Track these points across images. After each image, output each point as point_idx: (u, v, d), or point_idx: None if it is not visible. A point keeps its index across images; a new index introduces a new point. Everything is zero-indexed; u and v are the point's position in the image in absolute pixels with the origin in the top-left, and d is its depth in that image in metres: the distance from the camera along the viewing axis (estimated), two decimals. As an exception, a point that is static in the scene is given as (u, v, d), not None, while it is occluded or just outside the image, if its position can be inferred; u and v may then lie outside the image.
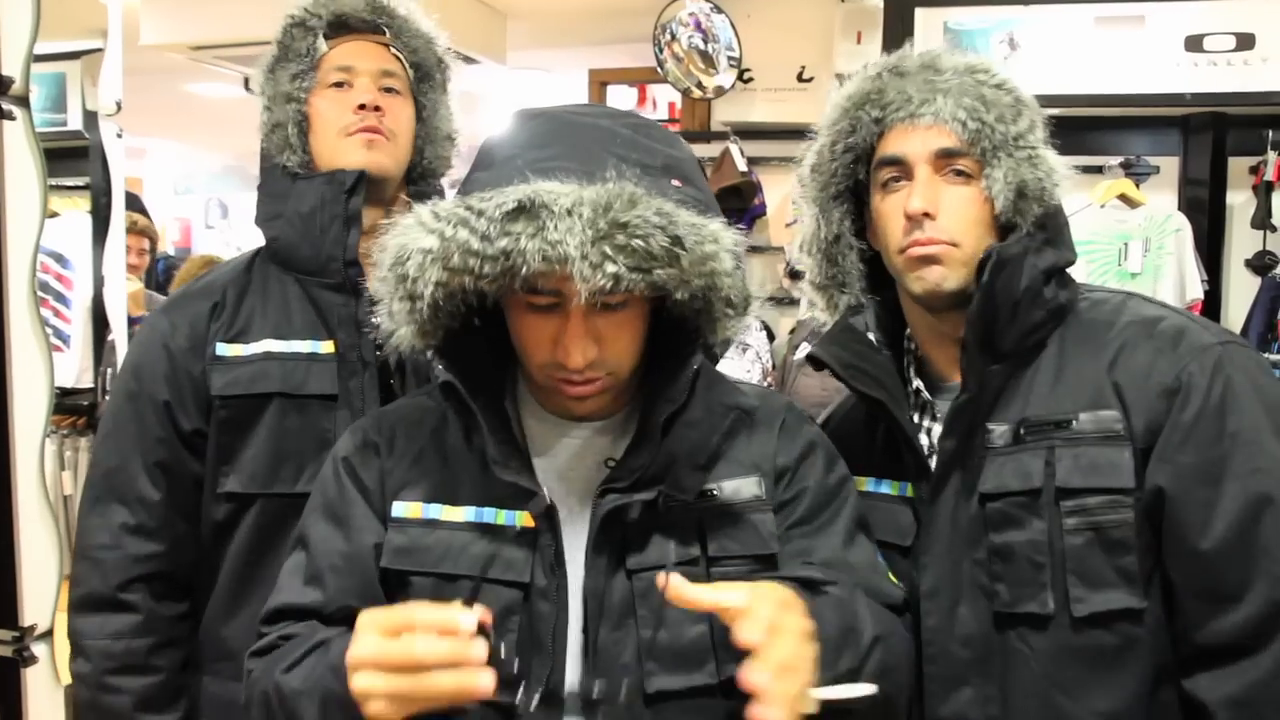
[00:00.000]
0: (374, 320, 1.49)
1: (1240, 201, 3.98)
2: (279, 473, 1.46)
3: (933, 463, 1.26)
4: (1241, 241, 3.98)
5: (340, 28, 1.56)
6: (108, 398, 1.56)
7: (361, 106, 1.50)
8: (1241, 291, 3.92)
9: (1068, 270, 1.27)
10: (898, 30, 3.68)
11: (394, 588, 1.13)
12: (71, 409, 4.50)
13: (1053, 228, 1.23)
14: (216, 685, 1.49)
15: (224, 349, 1.49)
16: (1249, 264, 3.96)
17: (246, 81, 5.10)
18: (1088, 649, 1.18)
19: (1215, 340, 1.19)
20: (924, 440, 1.29)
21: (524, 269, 0.97)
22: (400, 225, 1.05)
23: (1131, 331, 1.22)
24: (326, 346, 1.49)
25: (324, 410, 1.47)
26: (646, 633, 1.08)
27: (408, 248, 1.03)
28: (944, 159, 1.22)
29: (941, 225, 1.21)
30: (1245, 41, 3.59)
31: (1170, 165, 3.92)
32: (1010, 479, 1.20)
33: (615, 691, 1.06)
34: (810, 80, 4.05)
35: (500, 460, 1.08)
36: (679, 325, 1.11)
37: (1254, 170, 3.92)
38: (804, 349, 3.86)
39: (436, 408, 1.19)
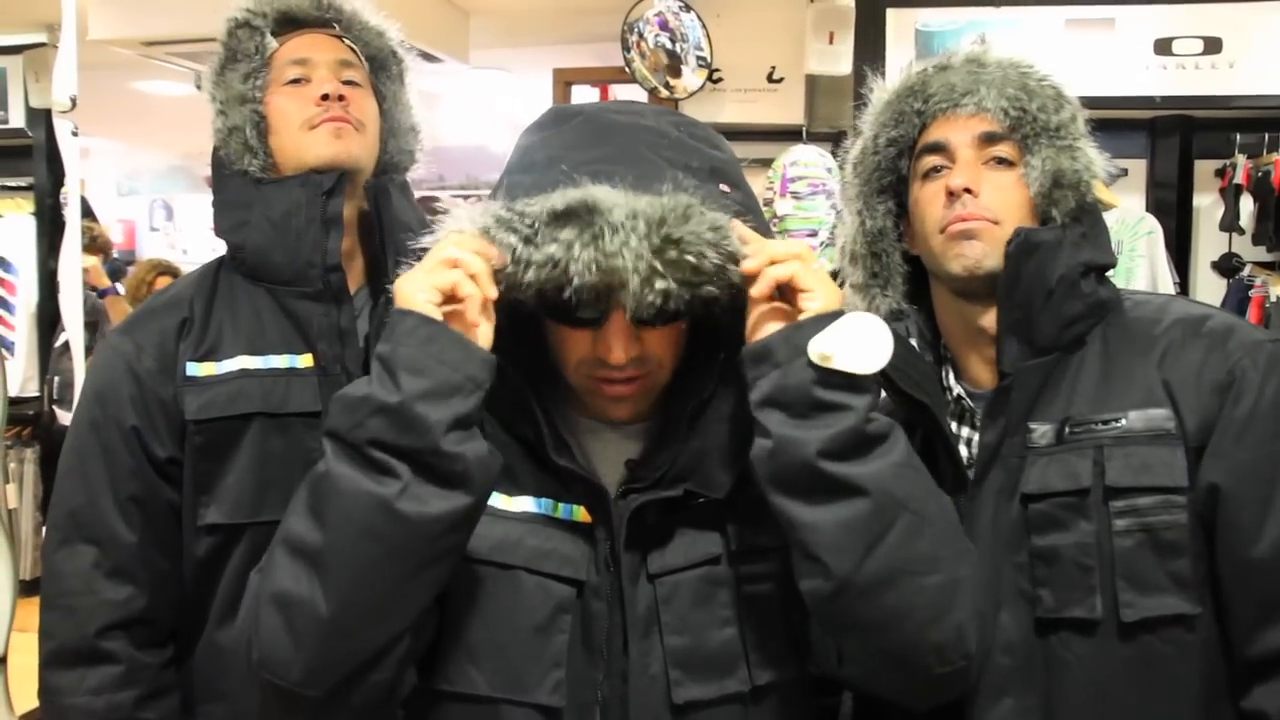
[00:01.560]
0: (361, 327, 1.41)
1: (1207, 204, 4.02)
2: (265, 499, 1.34)
3: (972, 472, 1.23)
4: (1208, 243, 4.02)
5: (288, 24, 1.47)
6: (69, 428, 1.42)
7: (325, 97, 1.40)
8: (1208, 293, 3.96)
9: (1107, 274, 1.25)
10: (869, 31, 3.66)
11: None
12: (16, 419, 4.34)
13: (1089, 224, 1.22)
14: None
15: (195, 368, 1.37)
16: (1215, 266, 4.00)
17: (198, 79, 4.94)
18: (1137, 657, 1.14)
19: (1266, 337, 1.18)
20: (963, 451, 1.26)
21: (575, 279, 0.93)
22: (439, 226, 1.00)
23: (1179, 330, 1.20)
24: (305, 360, 1.39)
25: (307, 429, 1.36)
26: (671, 639, 1.03)
27: None
28: (986, 143, 1.22)
29: (983, 203, 1.20)
30: (1213, 45, 3.62)
31: (1137, 168, 3.94)
32: (1055, 479, 1.17)
33: None
34: (780, 81, 4.00)
35: (556, 445, 1.03)
36: (712, 323, 1.07)
37: (1220, 173, 3.96)
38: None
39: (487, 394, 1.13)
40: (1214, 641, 1.15)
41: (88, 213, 4.27)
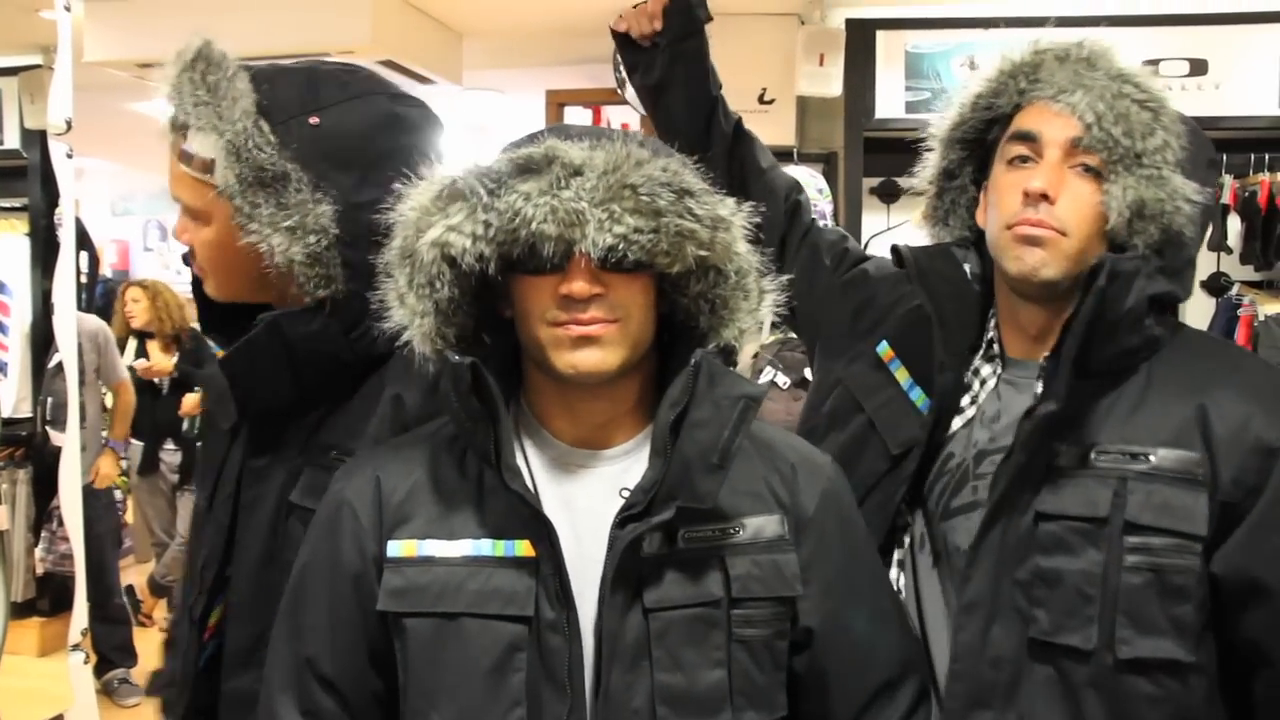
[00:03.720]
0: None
1: (1194, 224, 4.04)
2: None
3: (990, 489, 1.23)
4: (1198, 263, 4.03)
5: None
6: None
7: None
8: (1196, 312, 3.97)
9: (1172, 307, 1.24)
10: (860, 52, 3.69)
11: (392, 633, 1.08)
12: (9, 439, 4.33)
13: (1171, 258, 1.19)
14: None
15: None
16: (1204, 285, 4.02)
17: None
18: (1124, 694, 1.14)
19: None
20: (975, 385, 1.29)
21: (534, 224, 0.98)
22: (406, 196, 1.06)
23: (1230, 379, 1.18)
24: None
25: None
26: (661, 676, 1.03)
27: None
28: (1075, 150, 1.20)
29: (1056, 212, 1.19)
30: (1198, 67, 3.66)
31: (1126, 188, 3.96)
32: (1072, 503, 1.16)
33: None
34: (772, 102, 4.03)
35: (513, 469, 1.04)
36: (686, 335, 1.10)
37: (1208, 193, 3.99)
38: (768, 373, 3.83)
39: (429, 439, 1.14)
40: (1209, 696, 1.14)
41: (83, 236, 4.28)
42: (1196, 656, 1.13)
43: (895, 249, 1.36)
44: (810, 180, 3.87)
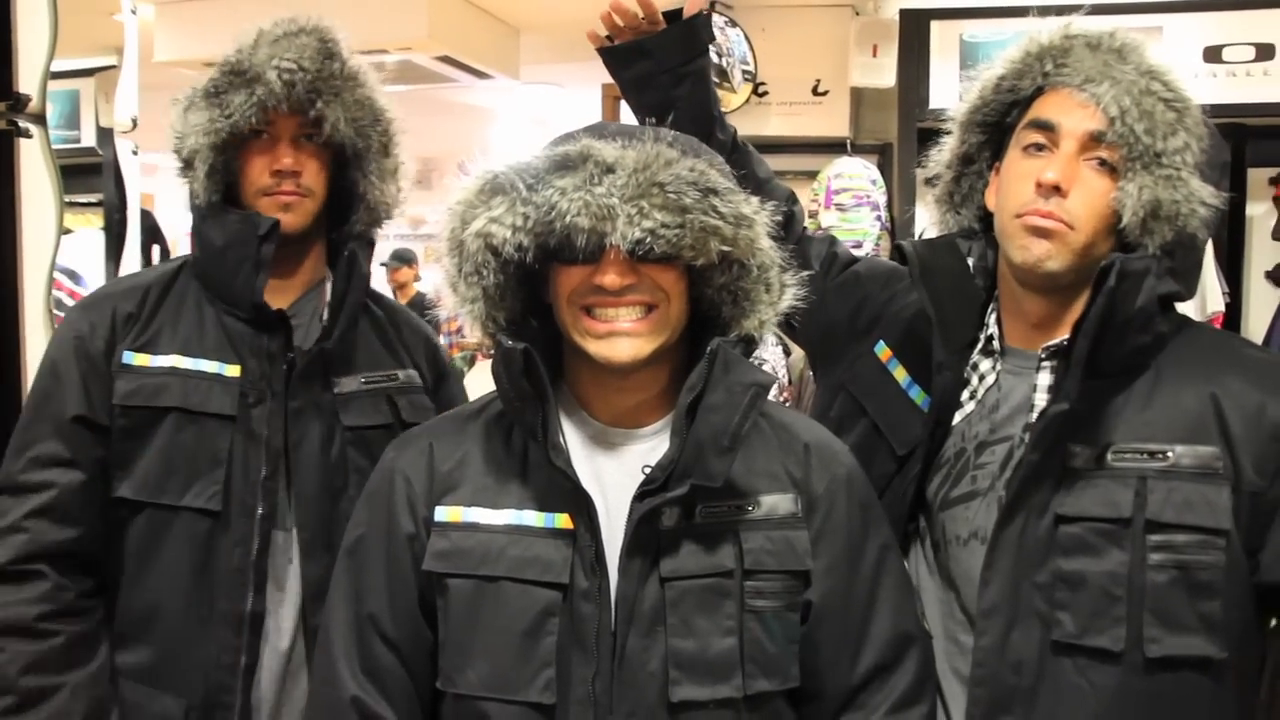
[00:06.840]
0: (291, 351, 1.52)
1: (1260, 213, 3.95)
2: (166, 485, 1.46)
3: (1004, 484, 1.23)
4: (1261, 253, 3.95)
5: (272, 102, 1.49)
6: (34, 381, 1.54)
7: (278, 171, 1.49)
8: (1262, 304, 3.89)
9: (1176, 304, 1.24)
10: (914, 43, 3.67)
11: (435, 591, 1.14)
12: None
13: (1181, 259, 1.18)
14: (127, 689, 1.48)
15: (131, 357, 1.49)
16: (1269, 276, 3.94)
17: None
18: (1153, 694, 1.13)
19: None
20: (974, 380, 1.29)
21: (568, 218, 1.03)
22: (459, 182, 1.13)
23: (1238, 369, 1.19)
24: (232, 370, 1.50)
25: (220, 429, 1.47)
26: (675, 641, 1.09)
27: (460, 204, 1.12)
28: (1093, 143, 1.19)
29: (1067, 206, 1.19)
30: (1265, 52, 3.58)
31: (1189, 177, 3.88)
32: (1092, 504, 1.16)
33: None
34: (825, 94, 4.02)
35: (558, 447, 1.10)
36: (711, 326, 1.15)
37: (1274, 181, 3.90)
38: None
39: (478, 415, 1.22)
40: (1242, 692, 1.14)
41: (153, 224, 4.42)
42: (1229, 653, 1.12)
43: (898, 246, 1.34)
44: (864, 171, 3.86)
